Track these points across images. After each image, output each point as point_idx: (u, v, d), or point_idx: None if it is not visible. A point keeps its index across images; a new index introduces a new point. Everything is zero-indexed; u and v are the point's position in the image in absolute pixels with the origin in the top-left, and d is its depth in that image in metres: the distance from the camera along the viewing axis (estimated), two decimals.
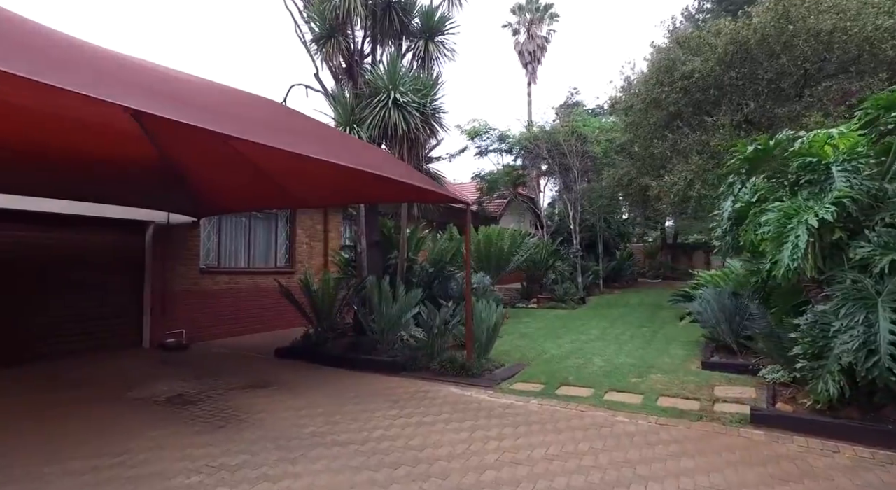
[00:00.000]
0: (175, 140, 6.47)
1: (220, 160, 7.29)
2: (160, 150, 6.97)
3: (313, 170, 6.80)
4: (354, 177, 6.56)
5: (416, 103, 8.29)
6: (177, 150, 6.90)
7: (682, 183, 9.67)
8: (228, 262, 10.21)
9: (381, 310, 7.59)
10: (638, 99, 12.18)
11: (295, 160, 6.49)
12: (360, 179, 6.59)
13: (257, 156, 6.76)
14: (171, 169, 7.76)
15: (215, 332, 9.57)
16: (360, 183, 6.81)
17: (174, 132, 5.83)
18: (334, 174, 6.76)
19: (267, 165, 7.14)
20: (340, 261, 10.10)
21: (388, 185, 6.52)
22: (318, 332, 8.13)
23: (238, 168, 7.41)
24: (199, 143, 6.40)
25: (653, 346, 8.83)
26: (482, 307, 7.48)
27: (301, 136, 5.41)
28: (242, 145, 6.08)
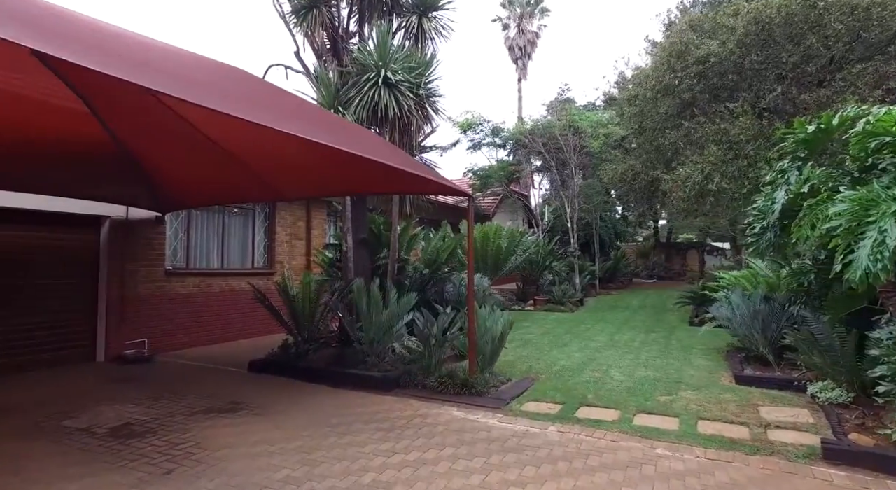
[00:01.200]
0: (121, 114, 5.46)
1: (184, 145, 6.31)
2: (109, 130, 5.96)
3: (294, 154, 5.87)
4: (342, 162, 5.63)
5: (410, 83, 7.37)
6: (126, 127, 5.89)
7: (698, 176, 8.86)
8: (199, 262, 9.18)
9: (369, 317, 6.64)
10: (644, 87, 11.37)
11: (271, 141, 5.55)
12: (349, 165, 5.67)
13: (227, 137, 5.80)
14: (126, 155, 6.74)
15: (183, 342, 8.54)
16: (347, 170, 5.89)
17: (111, 96, 4.84)
18: (318, 159, 5.82)
19: (239, 150, 6.18)
20: (324, 261, 9.14)
21: (380, 172, 5.60)
22: (297, 342, 7.16)
23: (205, 154, 6.43)
24: (150, 118, 5.41)
25: (672, 356, 8.00)
26: (485, 314, 6.59)
27: (278, 112, 4.46)
28: (203, 118, 5.11)
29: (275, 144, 5.72)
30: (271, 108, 4.47)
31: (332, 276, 8.62)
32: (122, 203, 7.58)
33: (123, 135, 6.33)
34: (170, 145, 6.55)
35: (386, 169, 5.35)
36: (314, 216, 11.54)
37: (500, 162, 18.89)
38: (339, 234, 8.99)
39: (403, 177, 5.84)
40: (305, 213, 11.38)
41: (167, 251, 8.50)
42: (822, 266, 5.85)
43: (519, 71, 37.09)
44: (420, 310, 7.00)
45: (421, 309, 6.94)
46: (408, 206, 8.66)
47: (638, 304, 16.37)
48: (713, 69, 9.19)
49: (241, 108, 3.87)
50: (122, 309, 7.59)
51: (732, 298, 7.08)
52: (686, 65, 9.59)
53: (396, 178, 6.05)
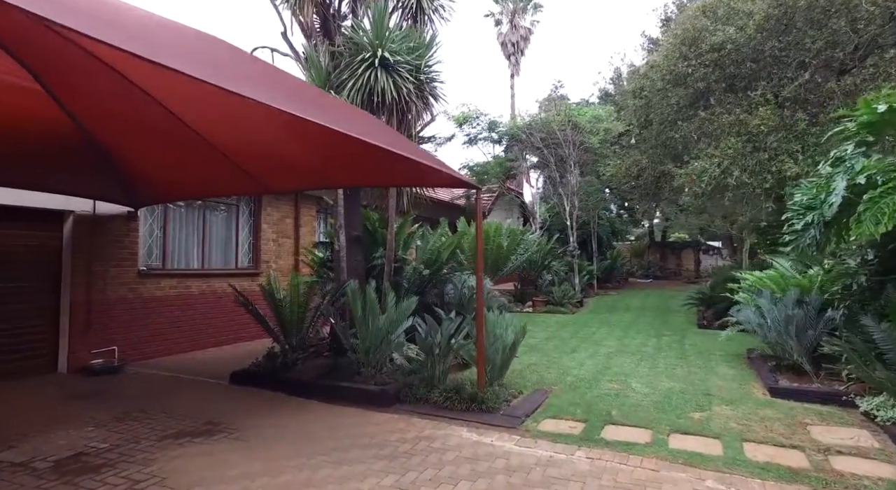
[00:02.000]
0: (79, 91, 4.73)
1: (156, 131, 5.59)
2: (69, 113, 5.22)
3: (280, 140, 5.18)
4: (334, 148, 4.95)
5: (409, 65, 6.70)
6: (89, 109, 5.16)
7: (715, 170, 8.28)
8: (177, 262, 8.42)
9: (365, 323, 5.96)
10: (651, 78, 10.80)
11: (255, 123, 4.86)
12: (342, 152, 5.00)
13: (204, 118, 5.09)
14: (92, 143, 5.99)
15: (158, 349, 7.78)
16: (341, 157, 5.22)
17: (62, 69, 4.13)
18: (308, 144, 5.14)
19: (218, 135, 5.46)
20: (314, 260, 8.42)
21: (378, 159, 4.93)
22: (285, 351, 6.46)
23: (181, 142, 5.73)
24: (114, 98, 4.69)
25: (692, 363, 7.42)
26: (494, 319, 5.94)
27: (261, 84, 3.77)
28: (174, 94, 4.41)
29: (258, 127, 5.03)
30: (252, 78, 3.78)
31: (323, 278, 7.92)
32: (89, 196, 6.81)
33: (88, 119, 5.60)
34: (141, 132, 5.82)
35: (385, 156, 4.68)
36: (303, 212, 10.81)
37: (496, 158, 18.24)
38: (330, 231, 8.29)
39: (405, 165, 5.17)
40: (293, 210, 10.64)
41: (141, 250, 7.73)
42: (872, 266, 5.29)
43: (512, 67, 36.51)
44: (421, 315, 6.35)
45: (423, 314, 6.28)
46: (405, 201, 7.99)
47: (639, 305, 15.84)
48: (729, 57, 8.63)
49: (216, 76, 3.19)
50: (88, 314, 6.82)
51: (761, 302, 6.50)
52: (700, 53, 9.02)
53: (397, 167, 5.38)
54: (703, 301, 11.55)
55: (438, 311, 7.04)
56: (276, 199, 10.21)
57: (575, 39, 68.88)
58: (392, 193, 7.28)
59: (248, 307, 6.38)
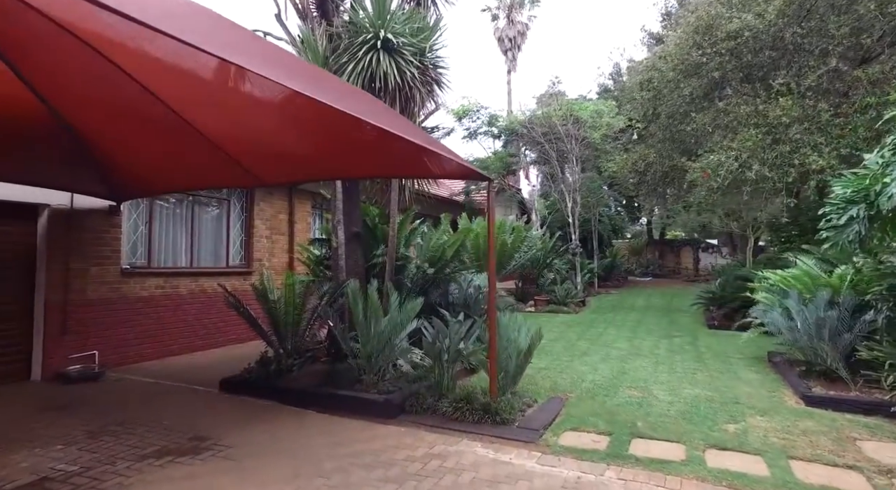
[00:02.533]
0: (48, 71, 4.23)
1: (139, 117, 5.10)
2: (39, 95, 4.71)
3: (275, 126, 4.70)
4: (336, 132, 4.48)
5: (413, 48, 6.22)
6: (62, 91, 4.66)
7: (732, 163, 7.87)
8: (164, 260, 7.91)
9: (367, 326, 5.49)
10: (660, 69, 10.38)
11: (246, 106, 4.38)
12: (343, 137, 4.52)
13: (190, 100, 4.60)
14: (68, 129, 5.48)
15: (143, 353, 7.28)
16: (341, 143, 4.74)
17: (25, 44, 3.64)
18: (305, 130, 4.68)
19: (207, 120, 4.98)
20: (310, 259, 7.94)
21: (382, 145, 4.47)
22: (279, 356, 5.98)
23: (166, 129, 5.25)
24: (90, 79, 4.20)
25: (711, 367, 7.01)
26: (507, 322, 5.49)
27: (254, 55, 3.28)
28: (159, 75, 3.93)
29: (252, 111, 4.55)
30: (248, 51, 3.30)
31: (320, 277, 7.44)
32: (66, 189, 6.30)
33: (62, 104, 5.09)
34: (122, 118, 5.33)
35: (390, 141, 4.23)
36: (297, 208, 10.32)
37: (496, 153, 17.78)
38: (327, 227, 7.81)
39: (410, 152, 4.72)
40: (288, 205, 10.15)
41: (124, 247, 7.22)
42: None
43: (509, 63, 36.07)
44: (426, 317, 5.91)
45: (430, 317, 5.84)
46: (407, 196, 7.51)
47: (643, 305, 15.47)
48: (747, 45, 8.21)
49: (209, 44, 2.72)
50: (64, 316, 6.30)
51: (789, 303, 6.08)
52: (715, 41, 8.59)
53: (402, 155, 4.92)
54: (712, 301, 11.16)
55: (443, 312, 6.60)
56: (270, 193, 9.72)
57: (572, 35, 68.61)
58: (394, 186, 6.81)
59: (240, 309, 5.89)
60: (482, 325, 5.72)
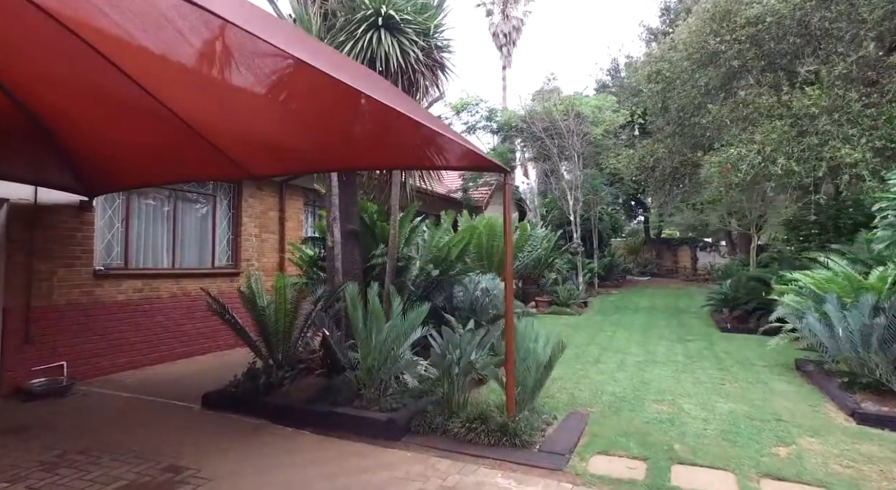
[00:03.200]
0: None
1: (110, 100, 4.49)
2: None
3: (267, 103, 4.10)
4: (334, 113, 3.91)
5: (417, 27, 5.64)
6: (14, 66, 4.02)
7: (755, 157, 7.36)
8: (143, 260, 7.26)
9: (367, 335, 4.90)
10: (667, 62, 9.88)
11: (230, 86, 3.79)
12: (343, 117, 3.95)
13: (167, 77, 4.00)
14: (29, 115, 4.84)
15: (119, 363, 6.64)
16: (341, 126, 4.16)
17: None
18: (302, 109, 4.09)
19: (190, 103, 4.37)
20: (302, 259, 7.32)
21: (386, 129, 3.90)
22: (268, 368, 5.37)
23: (142, 113, 4.65)
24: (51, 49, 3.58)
25: (736, 375, 6.51)
26: (524, 330, 4.93)
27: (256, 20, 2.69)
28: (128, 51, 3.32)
29: (239, 92, 3.94)
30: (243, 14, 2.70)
31: (313, 279, 6.84)
32: (28, 182, 5.64)
33: (21, 84, 4.46)
34: (92, 102, 4.71)
35: (395, 124, 3.66)
36: (289, 205, 9.69)
37: (496, 149, 17.22)
38: (321, 225, 7.20)
39: (417, 137, 4.15)
40: (278, 201, 9.52)
41: (97, 246, 6.57)
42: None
43: (504, 58, 35.52)
44: (432, 324, 5.34)
45: (434, 324, 5.27)
46: (409, 191, 6.94)
47: (647, 305, 15.00)
48: (769, 31, 7.71)
49: None
50: (27, 323, 5.65)
51: (828, 308, 5.57)
52: (733, 27, 8.09)
53: (407, 140, 4.35)
54: (724, 302, 10.69)
55: (448, 317, 6.06)
56: (259, 189, 9.09)
57: (567, 31, 68.27)
58: (396, 179, 6.22)
59: (224, 316, 5.28)
60: (494, 334, 5.15)
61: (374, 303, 4.85)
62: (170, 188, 7.59)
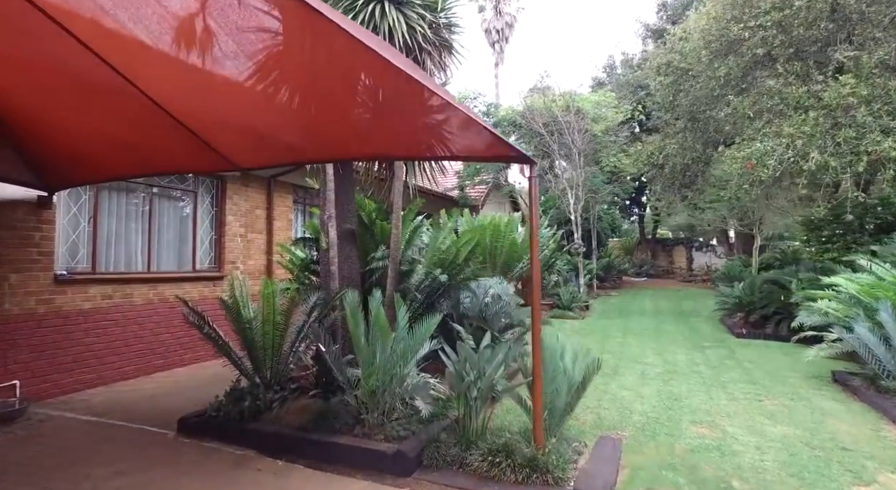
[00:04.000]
0: None
1: (73, 77, 3.82)
2: None
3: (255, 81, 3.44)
4: (339, 77, 3.27)
5: (424, 0, 4.98)
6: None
7: (784, 151, 6.80)
8: (113, 263, 6.51)
9: (370, 352, 4.23)
10: (678, 54, 9.32)
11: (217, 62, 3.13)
12: (350, 86, 3.30)
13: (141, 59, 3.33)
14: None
15: (84, 379, 5.89)
16: (341, 103, 3.51)
17: None
18: (297, 83, 3.43)
19: (163, 79, 3.69)
20: (293, 262, 6.63)
21: (397, 105, 3.26)
22: (255, 389, 4.67)
23: (110, 95, 3.99)
24: None
25: (775, 391, 5.94)
26: (553, 345, 4.30)
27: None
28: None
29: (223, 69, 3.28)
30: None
31: (305, 284, 6.15)
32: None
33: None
34: (52, 82, 4.00)
35: (411, 94, 3.02)
36: (277, 202, 8.97)
37: None
38: (314, 224, 6.51)
39: (430, 116, 3.51)
40: (266, 199, 8.80)
41: (59, 249, 5.82)
42: None
43: (496, 55, 34.96)
44: (440, 336, 4.70)
45: (446, 336, 4.62)
46: (412, 186, 6.28)
47: (651, 308, 14.48)
48: (798, 16, 7.15)
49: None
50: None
51: (882, 317, 5.01)
52: (758, 13, 7.53)
53: (418, 120, 3.71)
54: (739, 306, 10.16)
55: (456, 327, 5.40)
56: (245, 185, 8.36)
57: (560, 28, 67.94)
58: (398, 173, 5.55)
59: (203, 329, 4.57)
60: (512, 347, 4.50)
61: (379, 314, 4.18)
62: (145, 183, 6.85)
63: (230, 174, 7.99)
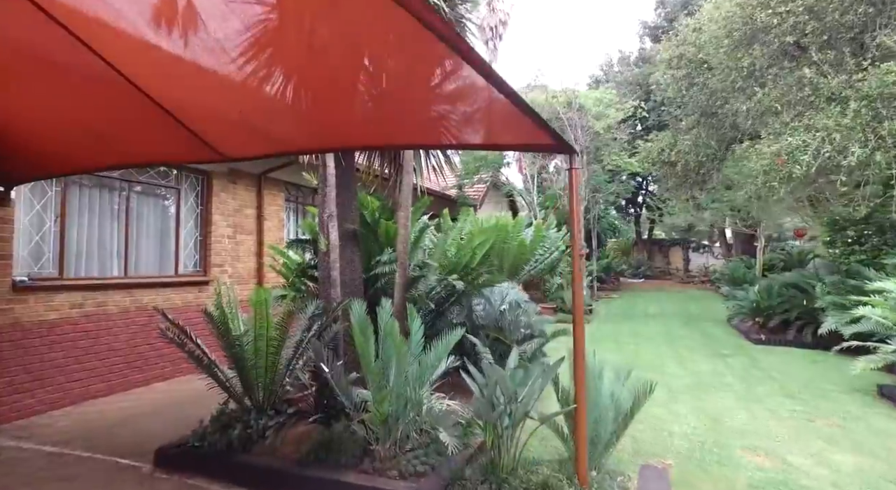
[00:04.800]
0: None
1: (31, 53, 3.16)
2: None
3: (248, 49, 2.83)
4: (348, 40, 2.68)
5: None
6: None
7: (820, 145, 6.29)
8: (84, 268, 5.82)
9: (382, 374, 3.62)
10: (691, 45, 8.82)
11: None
12: (359, 55, 2.72)
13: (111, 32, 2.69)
14: None
15: (48, 400, 5.20)
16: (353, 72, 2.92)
17: None
18: (296, 42, 2.84)
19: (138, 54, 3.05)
20: (287, 266, 5.98)
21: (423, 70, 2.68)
22: (246, 414, 4.03)
23: (77, 74, 3.36)
24: None
25: (822, 409, 5.42)
26: (593, 366, 3.73)
27: None
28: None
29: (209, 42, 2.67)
30: None
31: (301, 292, 5.51)
32: None
33: None
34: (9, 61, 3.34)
35: (435, 59, 2.45)
36: (268, 201, 8.31)
37: None
38: (311, 224, 5.89)
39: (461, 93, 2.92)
40: (256, 197, 8.13)
41: (19, 251, 5.12)
42: None
43: (490, 53, 34.39)
44: (456, 351, 4.11)
45: (460, 350, 4.03)
46: (418, 189, 5.68)
47: (657, 311, 14.00)
48: (832, 1, 6.64)
49: None
50: None
51: None
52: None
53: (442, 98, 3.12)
54: (756, 311, 9.68)
55: (472, 339, 4.80)
56: (233, 182, 7.69)
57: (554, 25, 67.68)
58: (408, 166, 4.94)
59: (185, 346, 3.90)
60: (555, 370, 3.91)
61: (392, 329, 3.57)
62: (121, 178, 6.17)
63: (217, 170, 7.32)
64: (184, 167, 6.87)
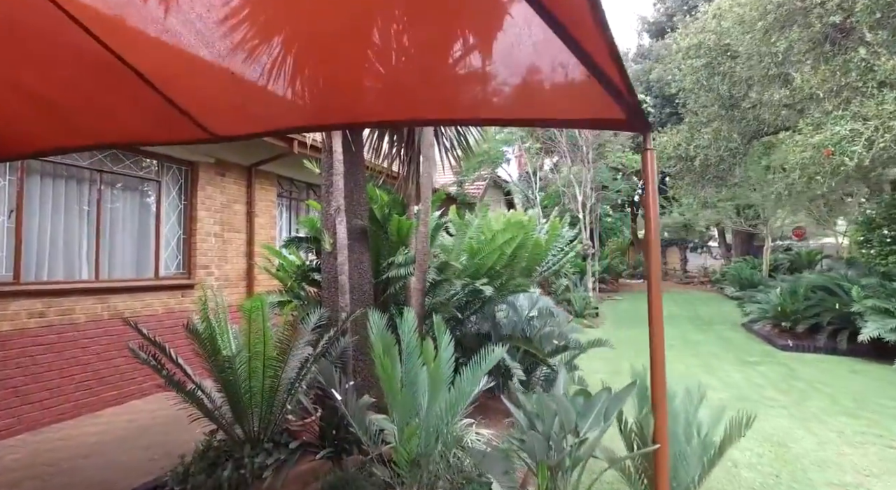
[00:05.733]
0: None
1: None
2: None
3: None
4: None
5: None
6: None
7: (873, 134, 5.71)
8: (46, 270, 5.03)
9: (408, 404, 2.92)
10: (710, 33, 8.25)
11: None
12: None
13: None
14: None
15: (3, 425, 4.41)
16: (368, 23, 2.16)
17: None
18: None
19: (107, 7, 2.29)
20: (287, 271, 5.23)
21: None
22: (237, 448, 3.30)
23: (39, 40, 2.54)
24: None
25: (889, 427, 4.81)
26: (680, 395, 3.07)
27: None
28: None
29: None
30: None
31: (301, 298, 4.78)
32: None
33: None
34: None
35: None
36: (259, 195, 7.56)
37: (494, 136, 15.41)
38: (313, 220, 5.15)
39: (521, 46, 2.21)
40: (246, 191, 7.37)
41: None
42: None
43: None
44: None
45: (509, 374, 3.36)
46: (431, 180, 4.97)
47: (665, 314, 13.38)
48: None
49: None
50: None
51: None
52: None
53: (491, 53, 2.42)
54: (782, 316, 9.13)
55: (506, 359, 4.12)
56: (220, 175, 6.93)
57: None
58: (427, 151, 4.23)
59: (161, 370, 3.15)
60: (625, 397, 3.23)
61: (427, 351, 2.87)
62: (91, 167, 5.39)
63: (203, 160, 6.57)
64: (165, 159, 6.11)
